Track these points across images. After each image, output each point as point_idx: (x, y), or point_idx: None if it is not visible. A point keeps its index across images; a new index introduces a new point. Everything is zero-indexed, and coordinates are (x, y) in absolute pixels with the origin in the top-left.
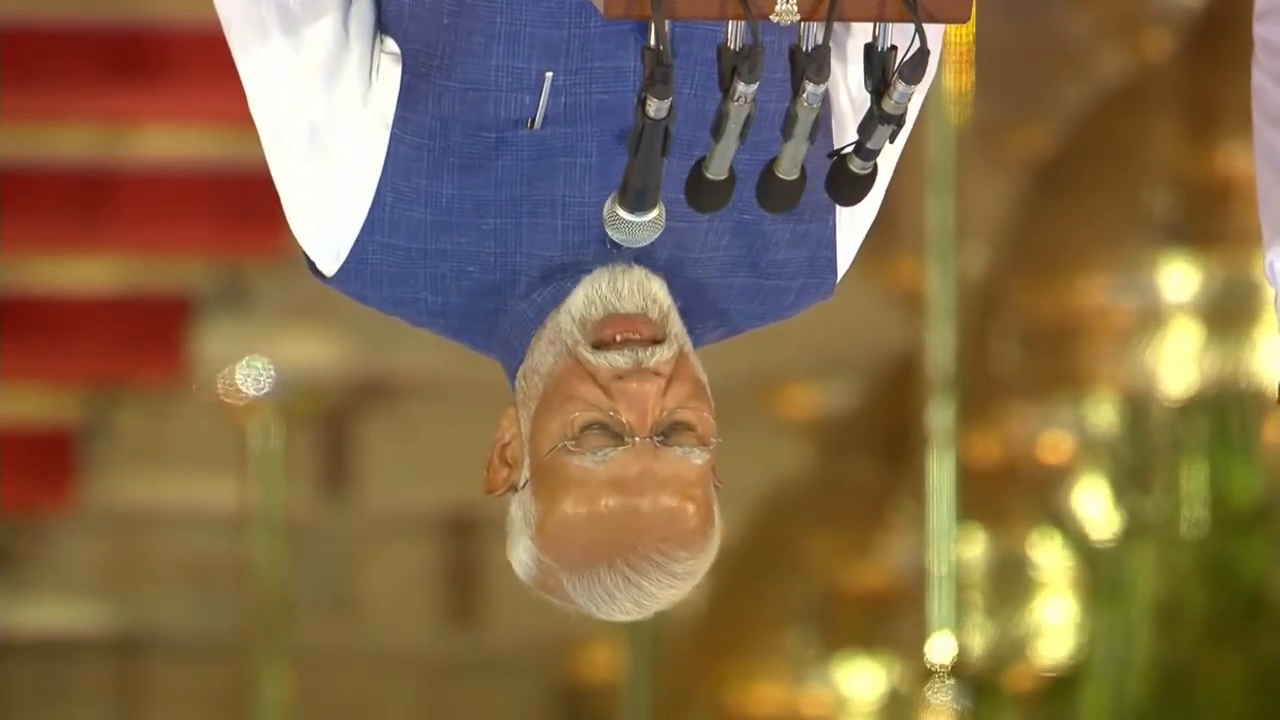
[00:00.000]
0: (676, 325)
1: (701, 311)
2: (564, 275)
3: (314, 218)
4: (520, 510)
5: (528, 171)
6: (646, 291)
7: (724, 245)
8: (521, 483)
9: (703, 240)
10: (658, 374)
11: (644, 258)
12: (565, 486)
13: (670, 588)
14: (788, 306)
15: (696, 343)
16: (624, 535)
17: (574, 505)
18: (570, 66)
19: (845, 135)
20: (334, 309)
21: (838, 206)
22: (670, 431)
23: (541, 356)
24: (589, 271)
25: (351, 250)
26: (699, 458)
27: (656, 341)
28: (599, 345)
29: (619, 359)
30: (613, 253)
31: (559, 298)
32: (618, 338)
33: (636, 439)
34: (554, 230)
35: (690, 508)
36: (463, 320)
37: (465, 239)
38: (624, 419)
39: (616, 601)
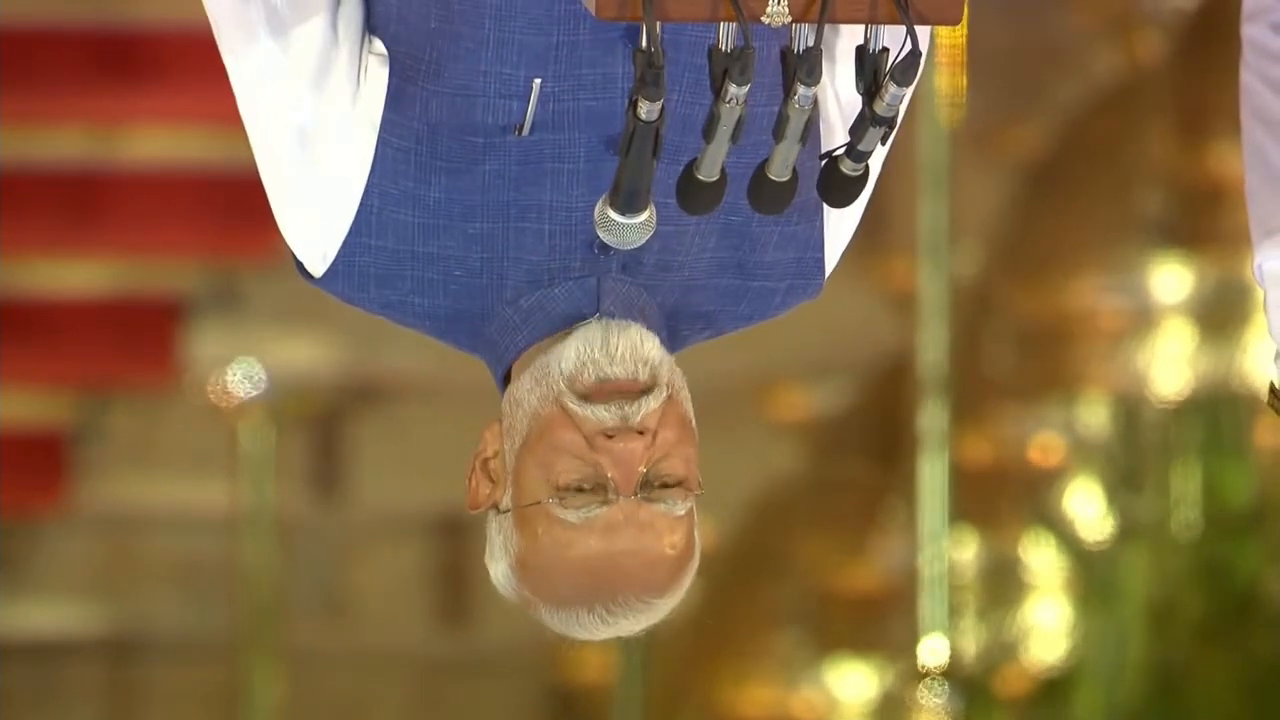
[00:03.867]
0: (667, 373)
1: (688, 313)
2: (551, 281)
3: (302, 219)
4: (500, 535)
5: (515, 177)
6: (639, 355)
7: (711, 247)
8: (503, 506)
9: (690, 243)
10: (643, 431)
11: (631, 262)
12: (548, 532)
13: (647, 622)
14: (774, 307)
15: (683, 344)
16: (604, 583)
17: (555, 551)
18: (558, 73)
19: (833, 138)
20: (325, 311)
21: (826, 208)
22: (656, 486)
23: (527, 393)
24: (575, 279)
25: (339, 252)
26: (682, 509)
27: (645, 390)
28: (585, 397)
29: (605, 414)
30: (600, 258)
31: (545, 304)
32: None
33: (621, 497)
34: (541, 235)
35: (671, 556)
36: (449, 322)
37: (452, 242)
38: (609, 475)
39: (592, 633)
